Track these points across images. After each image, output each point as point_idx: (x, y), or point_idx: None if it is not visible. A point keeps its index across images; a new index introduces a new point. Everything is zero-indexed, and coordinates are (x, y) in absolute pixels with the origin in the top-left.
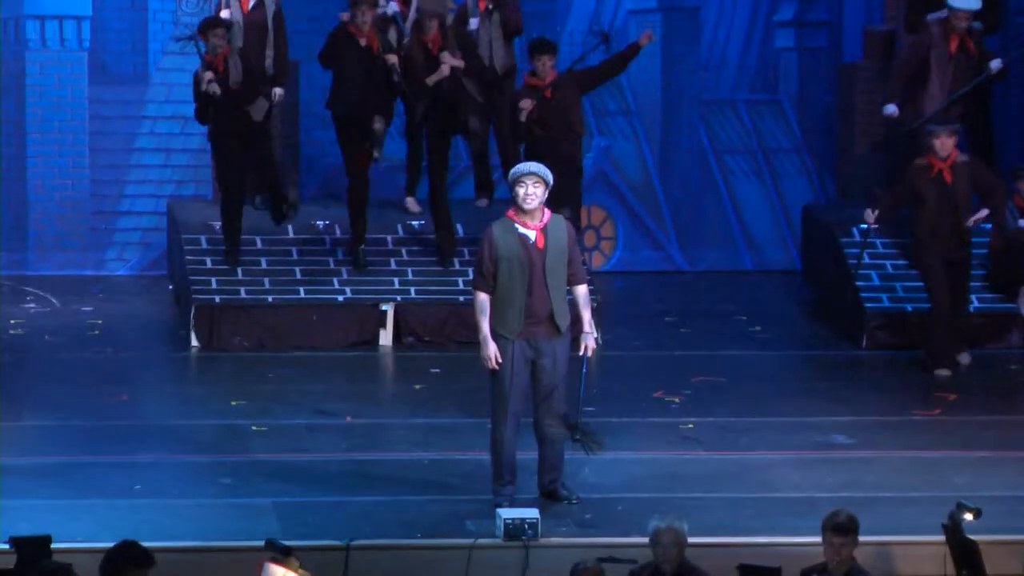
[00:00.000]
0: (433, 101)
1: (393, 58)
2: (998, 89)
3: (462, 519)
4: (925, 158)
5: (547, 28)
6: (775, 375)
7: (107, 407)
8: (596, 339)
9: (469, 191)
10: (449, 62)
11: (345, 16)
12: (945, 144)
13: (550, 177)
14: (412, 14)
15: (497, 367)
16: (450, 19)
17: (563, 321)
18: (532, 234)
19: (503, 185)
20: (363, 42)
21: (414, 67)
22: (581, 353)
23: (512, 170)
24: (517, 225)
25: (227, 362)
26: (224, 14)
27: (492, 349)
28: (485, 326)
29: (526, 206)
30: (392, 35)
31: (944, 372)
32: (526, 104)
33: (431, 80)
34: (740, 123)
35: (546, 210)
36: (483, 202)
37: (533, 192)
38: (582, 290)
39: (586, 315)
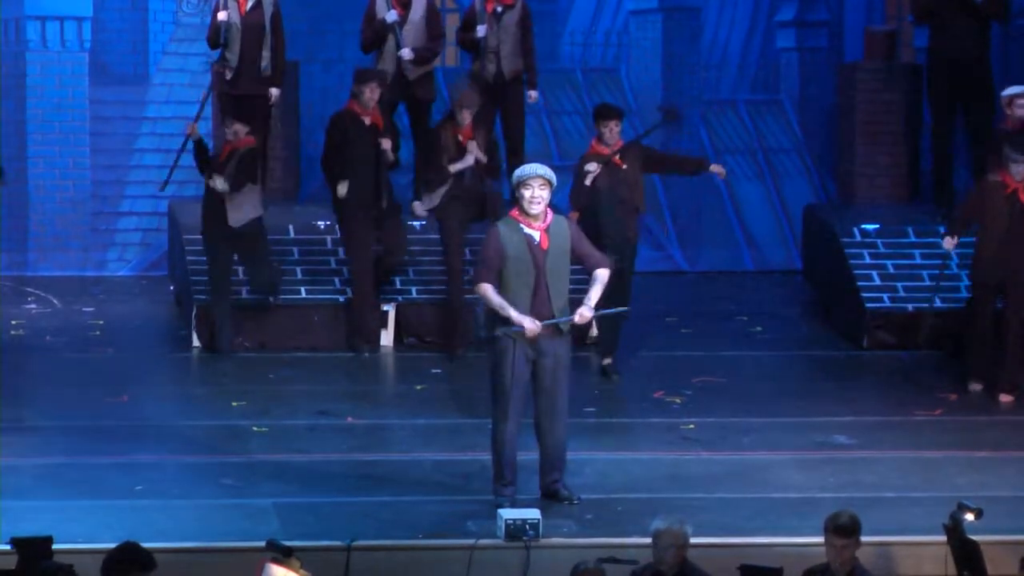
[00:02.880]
0: (453, 192)
1: (387, 143)
2: (999, 94)
3: (463, 519)
4: (999, 175)
5: (548, 28)
6: (776, 375)
7: (108, 407)
8: (626, 311)
9: None
10: (475, 152)
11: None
12: (1019, 170)
13: (555, 178)
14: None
15: (540, 330)
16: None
17: (561, 316)
18: (536, 235)
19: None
20: (368, 121)
21: (442, 154)
22: (576, 320)
23: (517, 172)
24: (522, 225)
25: (228, 363)
26: (221, 16)
27: (528, 320)
28: (510, 308)
29: (532, 210)
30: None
31: (978, 386)
32: (593, 167)
33: (454, 168)
34: (741, 123)
35: (549, 211)
36: None
37: (540, 195)
38: (599, 272)
39: (593, 291)
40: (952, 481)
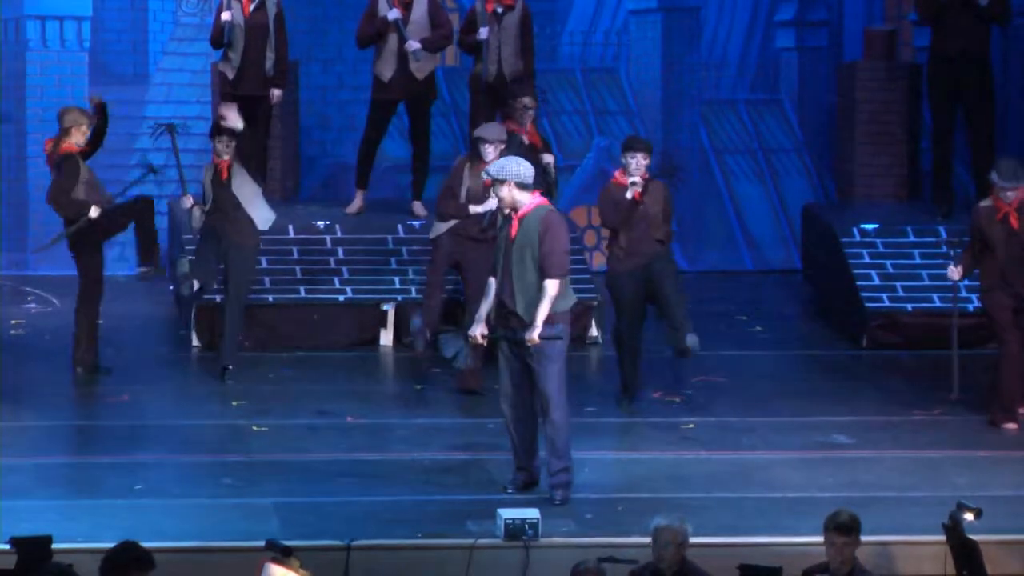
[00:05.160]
0: (457, 229)
1: (549, 157)
2: (999, 94)
3: (463, 519)
4: (990, 200)
5: (547, 27)
6: (775, 375)
7: (107, 407)
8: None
9: None
10: None
11: None
12: (1008, 196)
13: (514, 174)
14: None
15: (482, 341)
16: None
17: (528, 315)
18: (512, 223)
19: None
20: (526, 140)
21: (460, 188)
22: (528, 343)
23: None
24: (511, 213)
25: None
26: (225, 16)
27: (476, 328)
28: (484, 306)
29: (493, 204)
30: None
31: (1013, 427)
32: (639, 181)
33: (475, 210)
34: (740, 123)
35: (535, 200)
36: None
37: (498, 193)
38: (546, 283)
39: (539, 309)
40: (951, 481)
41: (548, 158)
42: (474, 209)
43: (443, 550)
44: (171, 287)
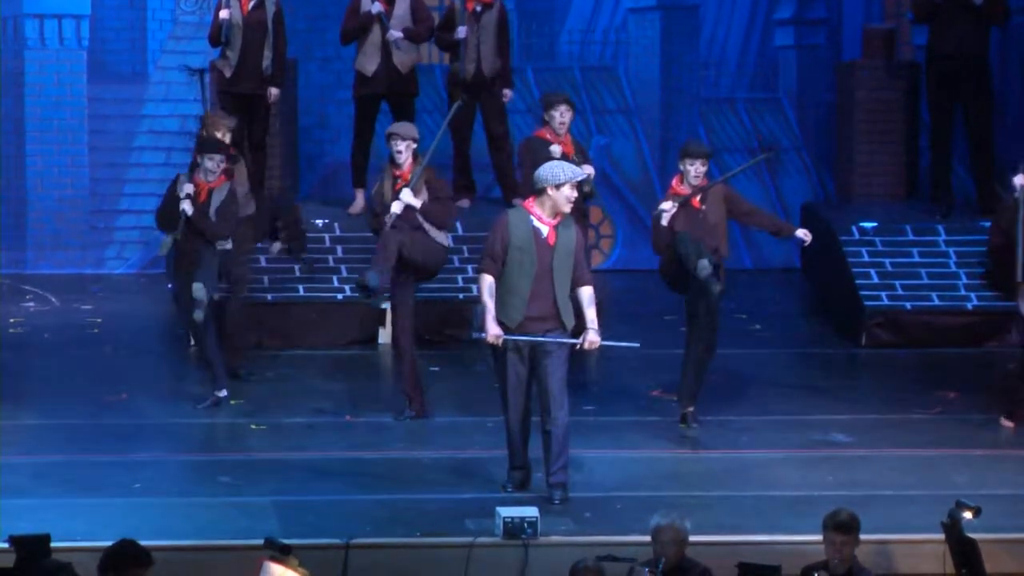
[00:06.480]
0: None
1: (589, 168)
2: (998, 93)
3: (461, 517)
4: (1011, 193)
5: (546, 26)
6: (774, 373)
7: (106, 406)
8: (637, 345)
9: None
10: (407, 200)
11: None
12: None
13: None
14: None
15: (499, 343)
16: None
17: (569, 320)
18: (545, 229)
19: (482, 184)
20: (559, 150)
21: (379, 202)
22: (585, 347)
23: (560, 173)
24: (532, 218)
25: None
26: (223, 14)
27: (496, 328)
28: (491, 304)
29: (568, 209)
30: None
31: (1009, 424)
32: (668, 206)
33: (386, 218)
34: (739, 121)
35: None
36: (465, 203)
37: (575, 195)
38: (587, 291)
39: (589, 313)
40: (950, 479)
41: (589, 169)
42: (387, 219)
43: (442, 549)
44: (169, 286)
